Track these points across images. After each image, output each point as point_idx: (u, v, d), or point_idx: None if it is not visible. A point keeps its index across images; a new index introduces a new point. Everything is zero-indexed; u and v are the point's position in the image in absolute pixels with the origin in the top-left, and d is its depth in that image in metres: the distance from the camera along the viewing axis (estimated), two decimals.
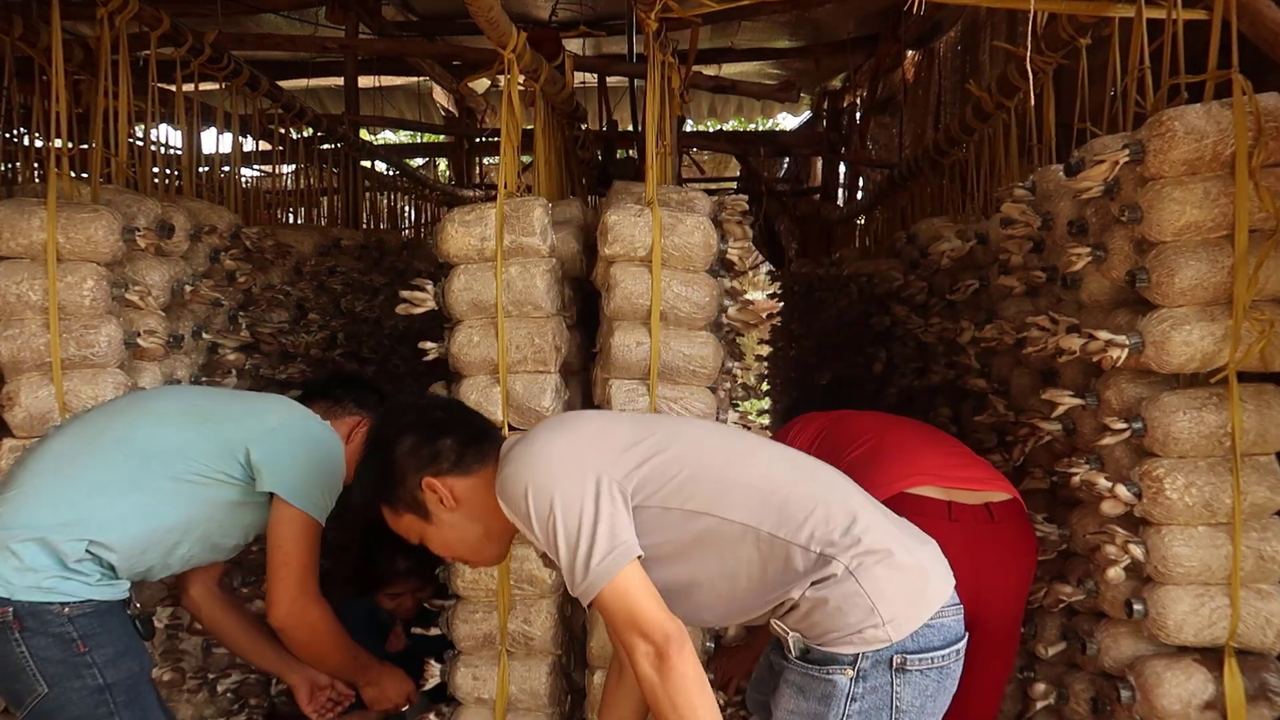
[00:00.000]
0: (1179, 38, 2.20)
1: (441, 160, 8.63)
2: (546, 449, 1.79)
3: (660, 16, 2.41)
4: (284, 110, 3.86)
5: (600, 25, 5.57)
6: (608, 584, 1.67)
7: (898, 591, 1.72)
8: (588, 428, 1.89)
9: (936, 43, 5.24)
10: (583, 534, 1.68)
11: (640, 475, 1.76)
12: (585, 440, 1.82)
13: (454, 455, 1.87)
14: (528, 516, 1.73)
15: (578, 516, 1.69)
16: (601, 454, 1.78)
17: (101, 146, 2.65)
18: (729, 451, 1.87)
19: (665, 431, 1.87)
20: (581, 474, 1.73)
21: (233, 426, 2.24)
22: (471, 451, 1.88)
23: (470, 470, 1.87)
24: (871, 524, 1.77)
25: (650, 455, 1.79)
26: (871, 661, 1.71)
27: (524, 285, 2.40)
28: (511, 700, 2.49)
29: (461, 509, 1.88)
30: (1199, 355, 2.08)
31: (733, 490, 1.78)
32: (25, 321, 2.37)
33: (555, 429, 1.87)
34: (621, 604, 1.67)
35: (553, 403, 2.43)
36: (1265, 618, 2.15)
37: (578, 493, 1.71)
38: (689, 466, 1.79)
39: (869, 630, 1.70)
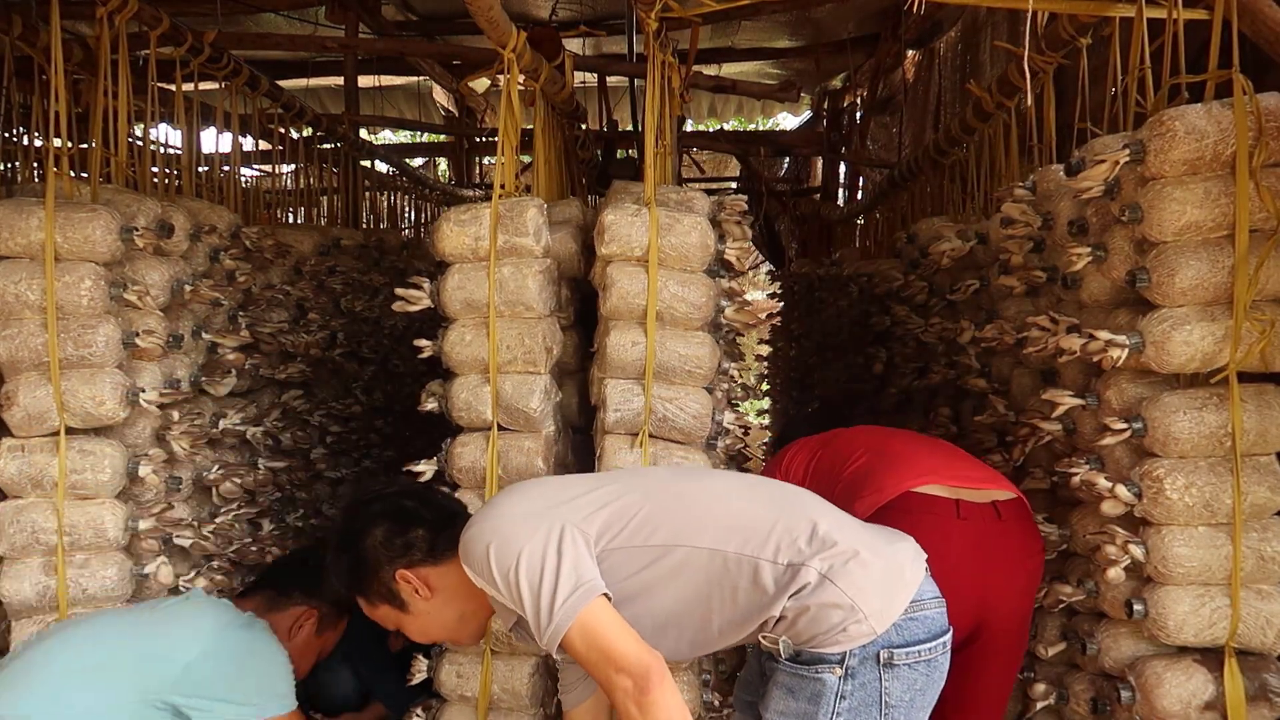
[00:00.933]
0: (1179, 38, 2.19)
1: (441, 160, 8.63)
2: (508, 509, 1.82)
3: (660, 16, 2.41)
4: (284, 110, 3.86)
5: (600, 25, 5.57)
6: (574, 623, 1.67)
7: (873, 584, 1.74)
8: (545, 485, 1.94)
9: (936, 43, 5.24)
10: (544, 579, 1.69)
11: (602, 518, 1.79)
12: (544, 496, 1.86)
13: (426, 545, 1.90)
14: (491, 575, 1.74)
15: (540, 564, 1.70)
16: (561, 505, 1.81)
17: (101, 146, 2.65)
18: (685, 484, 1.92)
19: (622, 479, 1.92)
20: (541, 525, 1.75)
21: (136, 678, 2.07)
22: (443, 538, 1.90)
23: (442, 558, 1.89)
24: (833, 528, 1.80)
25: (610, 500, 1.82)
26: (859, 659, 1.73)
27: (516, 285, 2.40)
28: (493, 699, 2.48)
29: (436, 596, 1.90)
30: (1199, 355, 2.08)
31: (695, 518, 1.81)
32: (24, 321, 2.37)
33: (514, 492, 1.91)
34: (593, 642, 1.67)
35: (541, 404, 2.43)
36: (1265, 618, 2.14)
37: (540, 542, 1.72)
38: (650, 502, 1.82)
39: (852, 627, 1.72)
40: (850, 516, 1.92)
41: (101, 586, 2.44)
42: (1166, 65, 2.19)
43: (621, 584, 1.76)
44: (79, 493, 2.40)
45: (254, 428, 2.95)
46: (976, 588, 2.17)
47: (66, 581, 2.40)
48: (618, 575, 1.76)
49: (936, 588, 1.85)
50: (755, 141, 6.88)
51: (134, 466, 2.45)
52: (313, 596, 2.42)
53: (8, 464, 2.39)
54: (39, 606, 2.42)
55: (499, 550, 1.73)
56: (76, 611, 2.43)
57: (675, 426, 2.41)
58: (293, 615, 2.38)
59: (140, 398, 2.47)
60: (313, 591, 2.42)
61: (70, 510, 2.40)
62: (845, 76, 6.43)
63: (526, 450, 2.45)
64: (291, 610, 2.39)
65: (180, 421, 2.61)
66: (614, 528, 1.79)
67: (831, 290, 4.90)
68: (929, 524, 2.10)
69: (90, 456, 2.40)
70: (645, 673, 1.65)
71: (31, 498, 2.41)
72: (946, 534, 2.16)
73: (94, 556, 2.44)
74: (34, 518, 2.40)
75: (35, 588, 2.41)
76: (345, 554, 1.93)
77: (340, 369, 3.87)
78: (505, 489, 1.97)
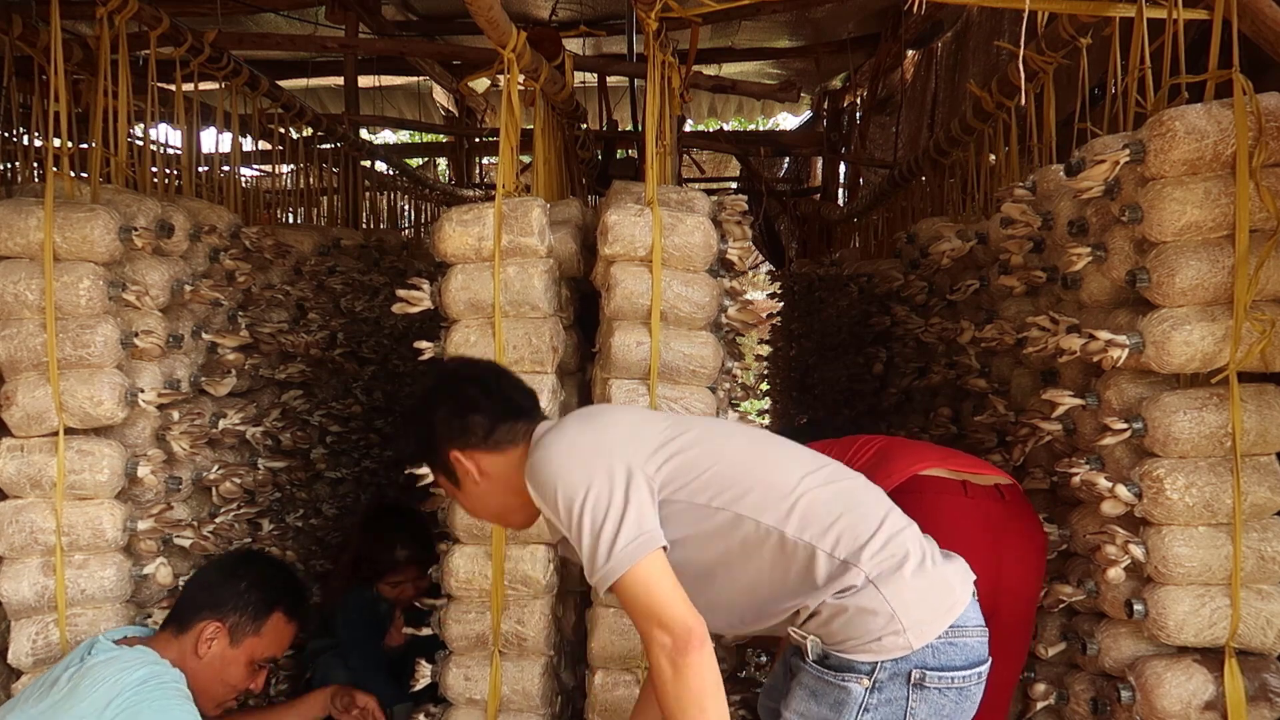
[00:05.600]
0: (1179, 38, 2.19)
1: (441, 160, 8.63)
2: (579, 438, 1.80)
3: (660, 16, 2.41)
4: (284, 110, 3.85)
5: (600, 25, 5.58)
6: (628, 570, 1.65)
7: (919, 598, 1.70)
8: (621, 421, 1.90)
9: (935, 43, 5.24)
10: (608, 520, 1.67)
11: (669, 469, 1.76)
12: (617, 433, 1.82)
13: (483, 432, 1.88)
14: (555, 503, 1.73)
15: (605, 504, 1.68)
16: (632, 446, 1.78)
17: (101, 146, 2.65)
18: (758, 452, 1.86)
19: (696, 430, 1.88)
20: (611, 464, 1.73)
21: None
22: (502, 429, 1.88)
23: (499, 448, 1.88)
24: (895, 532, 1.75)
25: (680, 450, 1.79)
26: (889, 673, 1.68)
27: (521, 285, 2.40)
28: (504, 701, 2.48)
29: (486, 482, 1.89)
30: (1199, 355, 2.08)
31: (760, 490, 1.77)
32: (23, 321, 2.37)
33: (588, 420, 1.88)
34: (642, 592, 1.66)
35: (548, 404, 2.42)
36: (1266, 618, 2.14)
37: (606, 481, 1.71)
38: (718, 464, 1.79)
39: (889, 638, 1.68)
40: (915, 525, 1.83)
41: (100, 587, 2.44)
42: (1166, 65, 2.19)
43: (675, 538, 1.73)
44: (78, 493, 2.40)
45: (254, 428, 2.94)
46: (991, 567, 2.17)
47: (65, 582, 2.40)
48: (673, 528, 1.73)
49: (981, 616, 1.80)
50: (755, 141, 6.88)
51: (133, 467, 2.45)
52: (214, 609, 2.33)
53: (6, 464, 2.38)
54: (38, 607, 2.42)
55: (565, 481, 1.72)
56: (75, 612, 2.43)
57: None
58: (196, 633, 2.30)
59: (139, 398, 2.46)
60: (213, 604, 2.34)
61: (69, 511, 2.40)
62: (845, 76, 6.43)
63: None
64: (195, 628, 2.30)
65: (180, 421, 2.60)
66: (679, 480, 1.76)
67: (831, 290, 4.90)
68: (938, 504, 2.10)
69: (89, 457, 2.40)
70: (687, 634, 1.63)
71: (30, 498, 2.41)
72: (956, 513, 2.18)
73: (93, 557, 2.44)
74: (32, 518, 2.40)
75: (34, 588, 2.41)
76: (413, 424, 1.95)
77: (340, 369, 3.87)
78: (577, 413, 1.94)
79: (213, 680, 2.32)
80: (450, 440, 1.89)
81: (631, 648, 2.45)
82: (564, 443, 1.79)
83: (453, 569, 2.49)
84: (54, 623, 2.42)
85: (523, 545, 2.48)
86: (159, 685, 2.16)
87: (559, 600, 2.61)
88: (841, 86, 6.54)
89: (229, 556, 2.58)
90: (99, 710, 2.08)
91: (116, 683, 2.12)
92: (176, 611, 2.37)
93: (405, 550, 3.25)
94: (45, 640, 2.42)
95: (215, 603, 2.34)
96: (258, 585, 2.39)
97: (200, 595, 2.37)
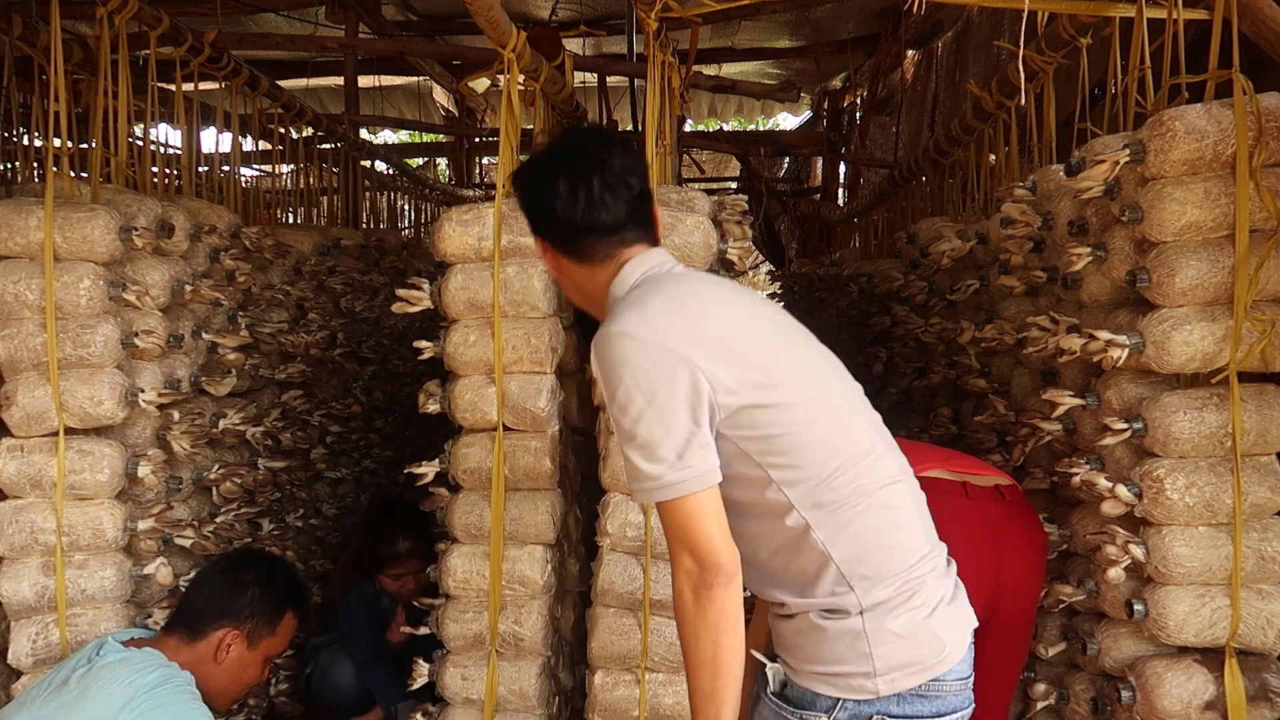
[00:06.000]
0: (1179, 38, 2.19)
1: (441, 160, 8.63)
2: (661, 324, 1.59)
3: (660, 16, 2.41)
4: (284, 110, 3.86)
5: (600, 25, 5.58)
6: (677, 500, 1.55)
7: (902, 651, 1.58)
8: (716, 318, 1.64)
9: (935, 43, 5.24)
10: (667, 442, 1.54)
11: (746, 413, 1.58)
12: (708, 333, 1.60)
13: (564, 238, 1.72)
14: (612, 393, 1.58)
15: (667, 425, 1.54)
16: (718, 361, 1.57)
17: (101, 146, 2.65)
18: (840, 442, 1.63)
19: (798, 379, 1.64)
20: (692, 378, 1.55)
21: None
22: (584, 243, 1.70)
23: (579, 257, 1.72)
24: (925, 573, 1.62)
25: (762, 403, 1.58)
26: (850, 714, 1.59)
27: (521, 285, 2.40)
28: (500, 701, 2.48)
29: (565, 277, 1.78)
30: (1200, 355, 2.08)
31: (815, 482, 1.60)
32: (23, 321, 2.37)
33: (679, 301, 1.63)
34: (683, 520, 1.56)
35: (548, 403, 2.43)
36: (1266, 618, 2.14)
37: (681, 401, 1.55)
38: (793, 427, 1.59)
39: (858, 679, 1.58)
40: (944, 566, 1.68)
41: (100, 587, 2.44)
42: (1166, 65, 2.19)
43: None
44: (78, 493, 2.40)
45: (254, 428, 2.94)
46: (992, 568, 2.17)
47: (65, 582, 2.40)
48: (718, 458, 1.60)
49: (970, 666, 1.65)
50: (755, 141, 6.88)
51: (133, 467, 2.45)
52: (230, 617, 2.37)
53: (6, 464, 2.38)
54: (38, 607, 2.42)
55: (630, 378, 1.55)
56: (75, 612, 2.43)
57: None
58: (214, 641, 2.33)
59: (140, 398, 2.47)
60: (229, 613, 2.37)
61: (69, 510, 2.40)
62: (845, 76, 6.43)
63: (534, 450, 2.45)
64: (212, 637, 2.34)
65: (180, 421, 2.61)
66: (748, 428, 1.58)
67: (831, 290, 4.90)
68: (939, 505, 2.08)
69: (89, 457, 2.40)
70: (716, 568, 1.54)
71: (30, 498, 2.41)
72: (956, 514, 2.17)
73: (93, 557, 2.44)
74: (33, 518, 2.40)
75: (34, 588, 2.41)
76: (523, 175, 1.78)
77: (340, 369, 3.87)
78: (673, 284, 1.67)
79: (231, 682, 2.38)
80: (533, 222, 1.76)
81: (631, 648, 2.45)
82: (643, 329, 1.58)
83: (450, 569, 2.49)
84: (54, 623, 2.42)
85: (520, 546, 2.48)
86: (174, 689, 2.19)
87: (557, 600, 2.61)
88: (841, 86, 6.54)
89: (230, 560, 2.58)
90: (114, 712, 2.10)
91: (130, 684, 2.14)
92: (185, 619, 2.39)
93: (407, 542, 3.27)
94: (45, 640, 2.42)
95: (229, 611, 2.38)
96: (267, 588, 2.44)
97: (211, 603, 2.39)
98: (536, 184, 1.73)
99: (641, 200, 1.73)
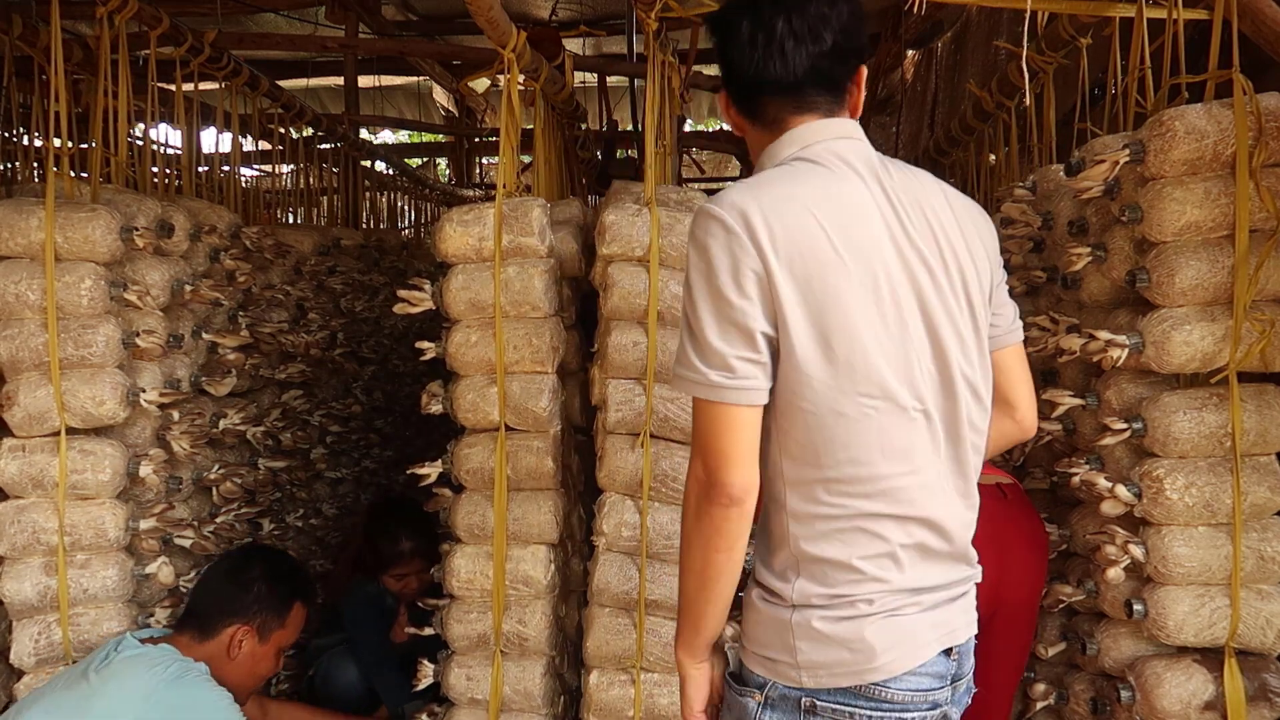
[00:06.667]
0: (1179, 38, 2.19)
1: (441, 160, 8.63)
2: (767, 221, 1.43)
3: (660, 16, 2.41)
4: (284, 110, 3.86)
5: (600, 25, 5.58)
6: (712, 403, 1.45)
7: (824, 655, 1.51)
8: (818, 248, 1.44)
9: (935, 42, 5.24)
10: (726, 345, 1.44)
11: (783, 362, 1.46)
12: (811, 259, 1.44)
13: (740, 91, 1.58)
14: (687, 271, 1.48)
15: (732, 327, 1.43)
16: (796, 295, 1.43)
17: (101, 146, 2.65)
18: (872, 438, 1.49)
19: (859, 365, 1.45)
20: (761, 288, 1.43)
21: None
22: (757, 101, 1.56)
23: (752, 116, 1.59)
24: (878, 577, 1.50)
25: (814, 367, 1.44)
26: (780, 693, 1.54)
27: (522, 285, 2.40)
28: (505, 701, 2.48)
29: (747, 141, 1.65)
30: (1199, 355, 2.08)
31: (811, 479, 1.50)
32: (24, 321, 2.37)
33: (783, 206, 1.45)
34: (711, 427, 1.46)
35: (550, 403, 2.43)
36: (1265, 618, 2.14)
37: (743, 302, 1.43)
38: (810, 424, 1.47)
39: (783, 665, 1.52)
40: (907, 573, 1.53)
41: (102, 586, 2.44)
42: (1166, 65, 2.19)
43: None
44: (79, 493, 2.40)
45: (254, 428, 2.95)
46: (993, 566, 2.17)
47: (67, 581, 2.41)
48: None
49: (937, 681, 1.54)
50: None
51: (134, 466, 2.45)
52: (239, 614, 2.41)
53: (8, 464, 2.39)
54: (40, 607, 2.43)
55: (707, 264, 1.44)
56: (77, 611, 2.43)
57: (677, 426, 2.41)
58: (226, 638, 2.39)
59: (140, 398, 2.47)
60: (237, 610, 2.42)
61: (71, 510, 2.40)
62: None
63: (536, 450, 2.46)
64: (223, 634, 2.39)
65: (180, 421, 2.61)
66: (782, 380, 1.47)
67: None
68: None
69: (91, 456, 2.40)
70: (723, 486, 1.45)
71: (32, 498, 2.41)
72: None
73: (95, 556, 2.44)
74: (34, 518, 2.40)
75: (36, 588, 2.41)
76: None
77: (340, 369, 3.87)
78: (794, 187, 1.48)
79: (246, 676, 2.44)
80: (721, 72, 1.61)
81: (627, 647, 2.45)
82: (749, 215, 1.44)
83: (454, 569, 2.49)
84: (56, 622, 2.42)
85: (523, 546, 2.49)
86: (194, 680, 2.26)
87: (561, 600, 2.62)
88: None
89: (234, 558, 2.61)
90: (135, 705, 2.15)
91: (151, 675, 2.21)
92: (195, 618, 2.43)
93: (410, 542, 3.27)
94: (48, 640, 2.43)
95: (236, 608, 2.43)
96: (272, 582, 2.49)
97: (218, 602, 2.44)
98: (722, 23, 1.56)
99: (832, 60, 1.52)
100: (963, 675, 1.61)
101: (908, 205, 1.53)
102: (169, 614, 2.60)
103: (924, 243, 1.52)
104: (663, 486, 2.42)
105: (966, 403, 1.55)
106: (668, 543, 2.42)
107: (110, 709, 2.16)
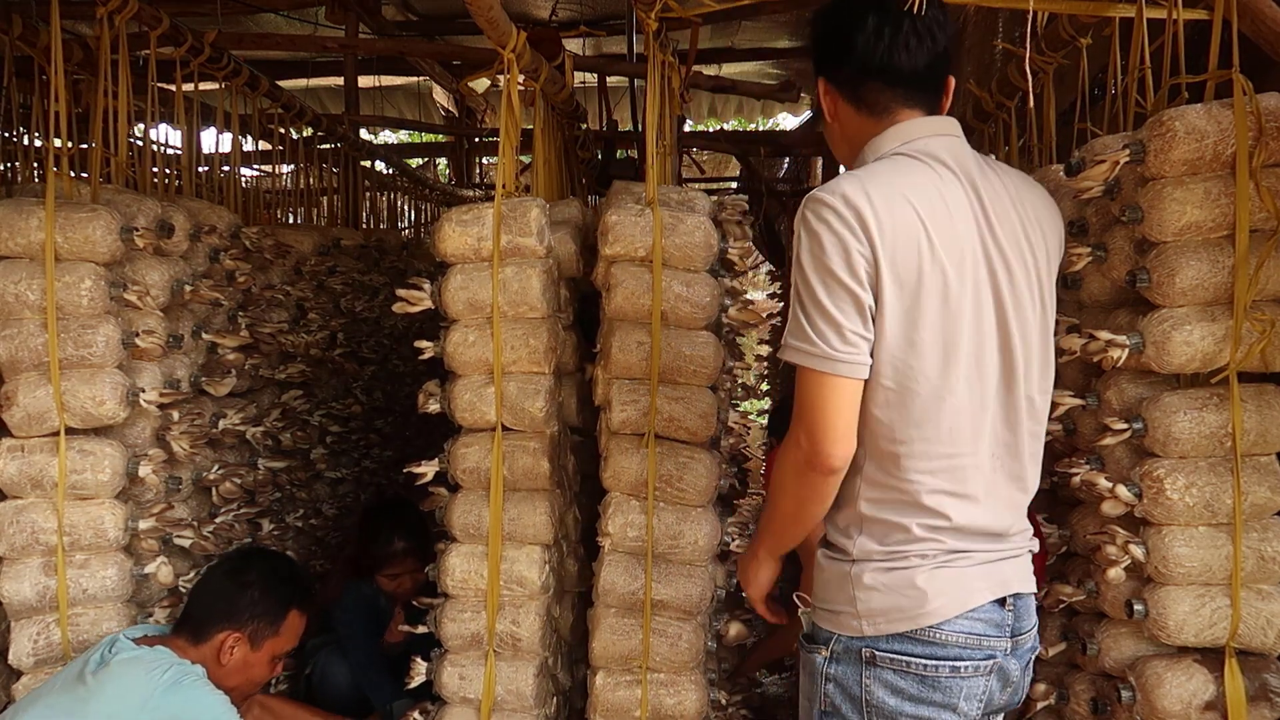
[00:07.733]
0: (1179, 38, 2.19)
1: (441, 160, 8.63)
2: (884, 207, 1.58)
3: (660, 16, 2.41)
4: (284, 110, 3.86)
5: (600, 25, 5.58)
6: (820, 373, 1.58)
7: (881, 601, 1.67)
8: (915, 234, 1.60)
9: None
10: (836, 319, 1.57)
11: (883, 338, 1.60)
12: (916, 246, 1.59)
13: (853, 78, 1.71)
14: (799, 252, 1.60)
15: (839, 303, 1.57)
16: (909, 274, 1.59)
17: (101, 146, 2.65)
18: (957, 419, 1.66)
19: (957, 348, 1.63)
20: (875, 270, 1.58)
21: None
22: (870, 88, 1.69)
23: (859, 103, 1.71)
24: (936, 530, 1.67)
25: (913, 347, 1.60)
26: (844, 646, 1.70)
27: (520, 286, 2.40)
28: (497, 701, 2.48)
29: (837, 125, 1.79)
30: (1200, 355, 2.08)
31: (886, 451, 1.66)
32: (23, 321, 2.37)
33: (896, 191, 1.60)
34: (816, 398, 1.59)
35: (546, 404, 2.43)
36: (1266, 618, 2.14)
37: (853, 282, 1.57)
38: (890, 401, 1.63)
39: (845, 616, 1.69)
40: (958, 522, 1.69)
41: (102, 587, 2.44)
42: (1166, 65, 2.19)
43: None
44: (79, 493, 2.40)
45: (254, 428, 2.95)
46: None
47: (66, 581, 2.40)
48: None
49: (993, 628, 1.69)
50: (755, 141, 6.88)
51: (134, 467, 2.45)
52: (231, 620, 2.41)
53: (7, 464, 2.39)
54: (39, 607, 2.43)
55: (825, 245, 1.56)
56: (77, 612, 2.43)
57: (682, 426, 2.41)
58: (217, 644, 2.38)
59: (140, 398, 2.47)
60: (229, 616, 2.42)
61: (70, 510, 2.40)
62: None
63: (532, 450, 2.45)
64: (214, 640, 2.39)
65: (180, 421, 2.61)
66: (881, 355, 1.61)
67: None
68: None
69: (90, 457, 2.40)
70: (823, 457, 1.59)
71: (31, 498, 2.41)
72: None
73: (94, 557, 2.44)
74: (34, 518, 2.40)
75: (35, 588, 2.41)
76: (816, 19, 1.80)
77: (340, 369, 3.87)
78: (900, 178, 1.64)
79: (240, 681, 2.42)
80: (823, 57, 1.74)
81: (633, 648, 2.45)
82: (860, 205, 1.57)
83: (449, 568, 2.49)
84: (55, 623, 2.42)
85: (518, 546, 2.49)
86: (191, 683, 2.25)
87: (555, 601, 2.62)
88: None
89: (232, 560, 2.60)
90: (134, 707, 2.15)
91: (148, 680, 2.20)
92: (190, 621, 2.42)
93: (403, 542, 3.27)
94: (47, 640, 2.43)
95: (230, 613, 2.42)
96: (268, 588, 2.47)
97: (213, 606, 2.43)
98: (845, 12, 1.69)
99: (943, 61, 1.70)
100: (1023, 630, 1.75)
101: (996, 204, 1.69)
102: (168, 614, 2.60)
103: (1007, 241, 1.69)
104: (668, 487, 2.42)
105: (1026, 393, 1.74)
106: (673, 543, 2.42)
107: (107, 713, 2.15)
